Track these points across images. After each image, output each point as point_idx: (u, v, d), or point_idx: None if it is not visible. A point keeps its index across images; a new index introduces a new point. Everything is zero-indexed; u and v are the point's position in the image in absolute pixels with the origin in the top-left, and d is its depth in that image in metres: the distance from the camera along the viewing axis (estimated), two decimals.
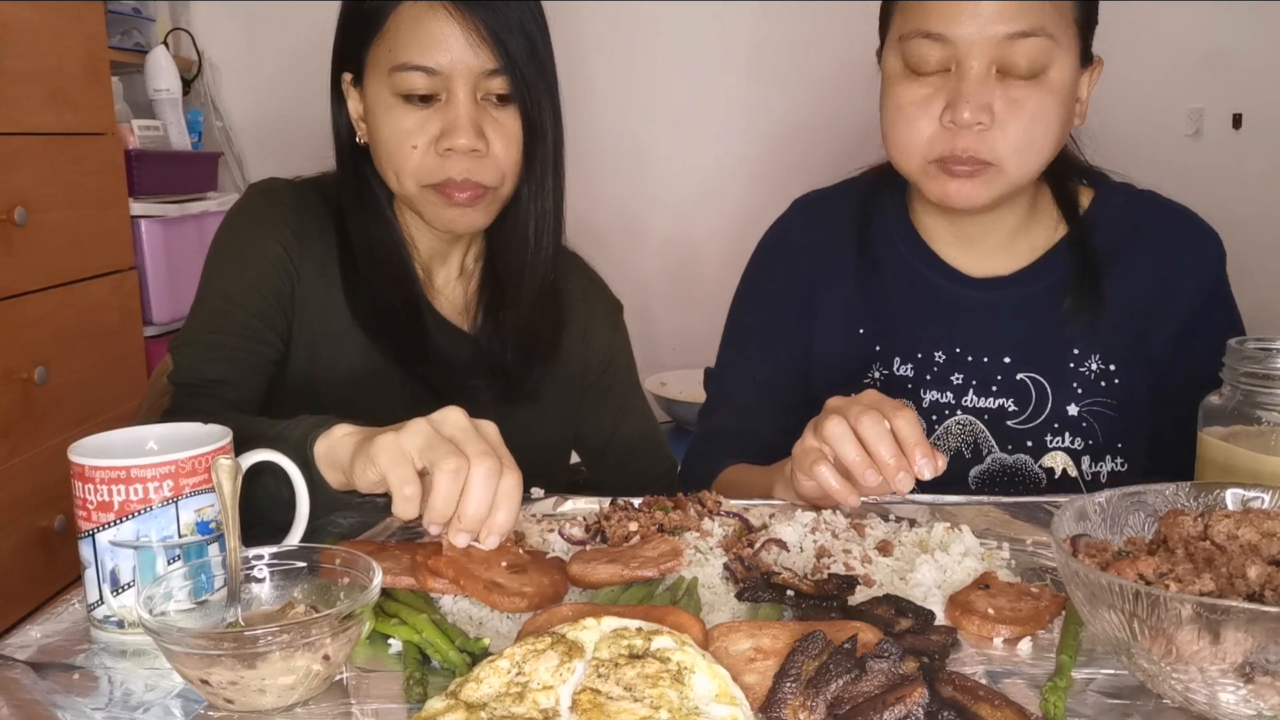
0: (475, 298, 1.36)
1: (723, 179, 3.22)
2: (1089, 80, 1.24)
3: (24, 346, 2.08)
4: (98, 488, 0.85)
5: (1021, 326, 1.29)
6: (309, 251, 1.29)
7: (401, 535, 1.07)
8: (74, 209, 2.27)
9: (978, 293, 1.30)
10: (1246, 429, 0.97)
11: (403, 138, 1.20)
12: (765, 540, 0.98)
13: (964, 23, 1.15)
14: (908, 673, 0.71)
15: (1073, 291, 1.27)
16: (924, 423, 1.27)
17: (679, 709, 0.67)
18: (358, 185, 1.30)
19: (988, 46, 1.15)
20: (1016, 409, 1.28)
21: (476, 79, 1.19)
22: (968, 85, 1.15)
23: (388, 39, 1.20)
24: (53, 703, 0.76)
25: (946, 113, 1.17)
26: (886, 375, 1.32)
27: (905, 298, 1.32)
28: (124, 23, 2.79)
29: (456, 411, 0.92)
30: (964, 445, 1.29)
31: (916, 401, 1.30)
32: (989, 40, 1.14)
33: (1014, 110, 1.16)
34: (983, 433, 1.29)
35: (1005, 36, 1.14)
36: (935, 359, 1.30)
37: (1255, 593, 0.72)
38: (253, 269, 1.26)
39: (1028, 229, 1.31)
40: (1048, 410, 1.27)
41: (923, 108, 1.18)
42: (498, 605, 0.86)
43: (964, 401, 1.29)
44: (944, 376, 1.30)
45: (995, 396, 1.29)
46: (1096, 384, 1.27)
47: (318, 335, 1.29)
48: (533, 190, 1.28)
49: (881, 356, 1.32)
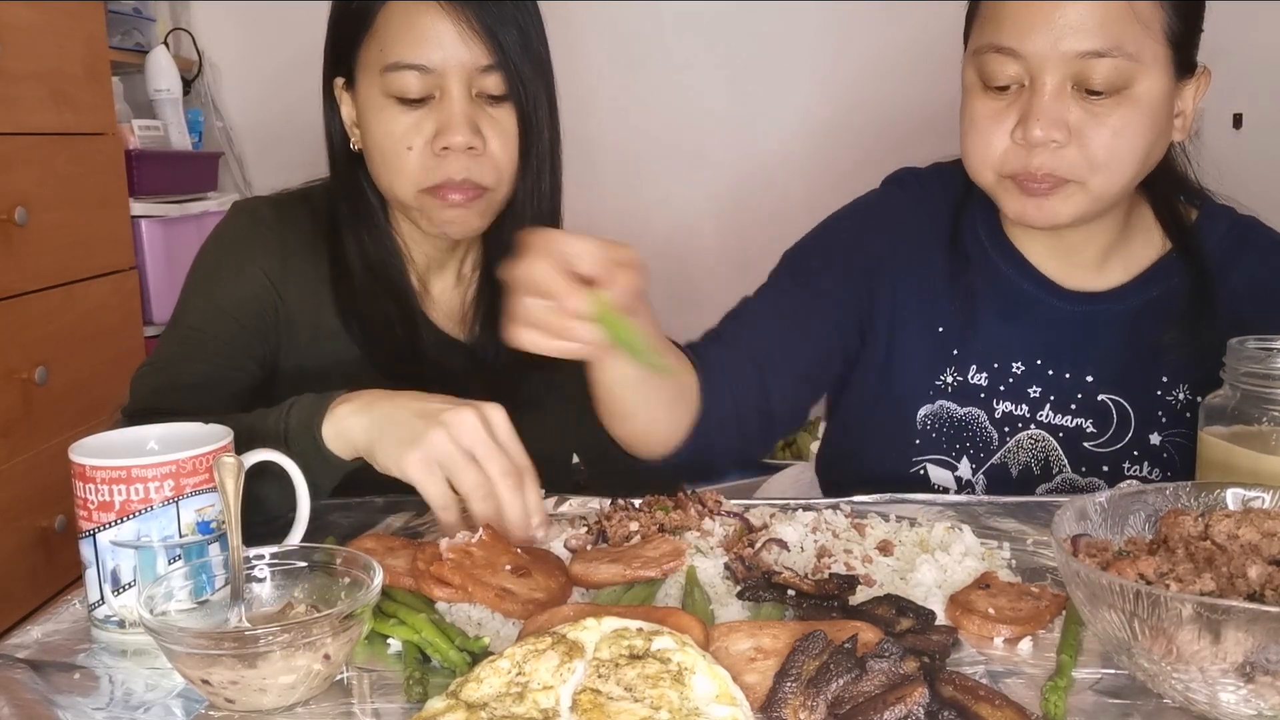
0: (473, 306, 1.34)
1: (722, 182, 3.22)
2: (1195, 91, 1.16)
3: (24, 346, 2.08)
4: (99, 487, 0.85)
5: (1109, 345, 1.22)
6: (294, 271, 1.26)
7: (403, 534, 1.07)
8: (74, 209, 2.27)
9: (1067, 304, 1.24)
10: (1247, 429, 0.97)
11: (397, 139, 1.18)
12: (766, 540, 0.98)
13: (1036, 39, 1.09)
14: (908, 672, 0.71)
15: (1184, 315, 1.20)
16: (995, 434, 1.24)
17: (679, 709, 0.67)
18: (352, 194, 1.27)
19: (1061, 63, 1.09)
20: (1095, 431, 1.22)
21: (470, 75, 1.17)
22: (1040, 102, 1.10)
23: (378, 38, 1.18)
24: (53, 702, 0.76)
25: (1019, 129, 1.12)
26: (960, 382, 1.25)
27: (990, 300, 1.25)
28: (124, 23, 2.79)
29: (471, 417, 0.96)
30: (1034, 461, 1.24)
31: (989, 411, 1.25)
32: (1062, 57, 1.09)
33: (1093, 126, 1.10)
34: (1055, 450, 1.23)
35: (1079, 54, 1.08)
36: (1013, 369, 1.24)
37: (1256, 592, 0.72)
38: (227, 295, 1.24)
39: (1125, 245, 1.24)
40: (1129, 436, 1.22)
41: (996, 122, 1.13)
42: (510, 613, 0.86)
43: (1039, 416, 1.23)
44: (1020, 388, 1.24)
45: (1074, 415, 1.23)
46: (1182, 414, 1.21)
47: (307, 354, 1.27)
48: (529, 189, 1.25)
49: (958, 361, 1.26)
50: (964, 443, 1.25)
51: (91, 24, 2.37)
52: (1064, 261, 1.24)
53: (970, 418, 1.25)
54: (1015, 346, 1.25)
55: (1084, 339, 1.23)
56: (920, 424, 1.26)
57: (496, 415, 0.98)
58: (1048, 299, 1.24)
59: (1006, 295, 1.25)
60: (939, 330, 1.27)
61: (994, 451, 1.24)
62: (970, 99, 1.17)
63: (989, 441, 1.25)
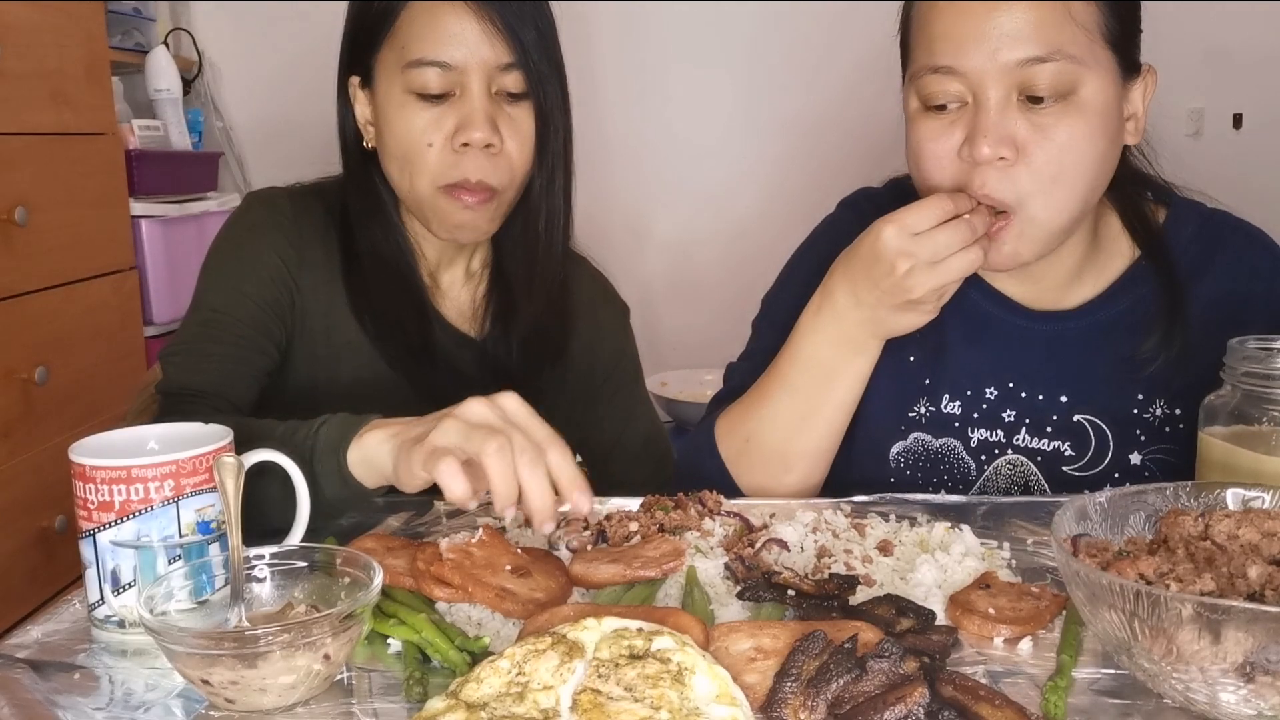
0: (483, 303, 1.35)
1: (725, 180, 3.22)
2: (1143, 91, 1.12)
3: (24, 346, 2.08)
4: (99, 487, 0.85)
5: (1080, 363, 1.19)
6: (309, 261, 1.28)
7: (403, 534, 1.07)
8: (74, 209, 2.27)
9: (1034, 324, 1.20)
10: (1247, 429, 0.97)
11: (417, 135, 1.20)
12: (766, 540, 0.98)
13: (972, 53, 1.05)
14: (908, 672, 0.71)
15: (1156, 324, 1.16)
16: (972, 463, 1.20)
17: (679, 709, 0.67)
18: (365, 190, 1.29)
19: (1002, 75, 1.04)
20: (1074, 454, 1.18)
21: (491, 73, 1.19)
22: (985, 118, 1.05)
23: (400, 36, 1.20)
24: (53, 702, 0.76)
25: (965, 147, 1.07)
26: (934, 412, 1.22)
27: (956, 325, 1.21)
28: (124, 23, 2.79)
29: (478, 403, 0.91)
30: (1014, 487, 1.20)
31: (964, 440, 1.21)
32: (1002, 69, 1.04)
33: (1040, 140, 1.05)
34: (1034, 475, 1.19)
35: (1020, 63, 1.04)
36: (986, 394, 1.20)
37: (1256, 592, 0.72)
38: (248, 279, 1.25)
39: (1094, 259, 1.20)
40: (1108, 459, 1.18)
41: (940, 142, 1.08)
42: (510, 613, 0.86)
43: (1015, 441, 1.20)
44: (994, 413, 1.20)
45: (1050, 438, 1.19)
46: (1161, 430, 1.17)
47: (319, 345, 1.28)
48: (544, 186, 1.27)
49: (930, 391, 1.22)
50: (942, 475, 1.22)
51: (91, 24, 2.37)
52: (1030, 286, 1.21)
53: (946, 449, 1.22)
54: (986, 371, 1.21)
55: (1055, 359, 1.19)
56: (894, 462, 1.23)
57: (509, 400, 0.92)
58: (1013, 319, 1.21)
59: (972, 319, 1.21)
60: (909, 360, 1.23)
61: (973, 481, 1.21)
62: (912, 124, 1.12)
63: (967, 472, 1.21)
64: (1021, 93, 1.05)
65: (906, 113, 1.14)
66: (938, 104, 1.09)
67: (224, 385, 1.20)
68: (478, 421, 0.89)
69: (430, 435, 0.89)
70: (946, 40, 1.07)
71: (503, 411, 0.90)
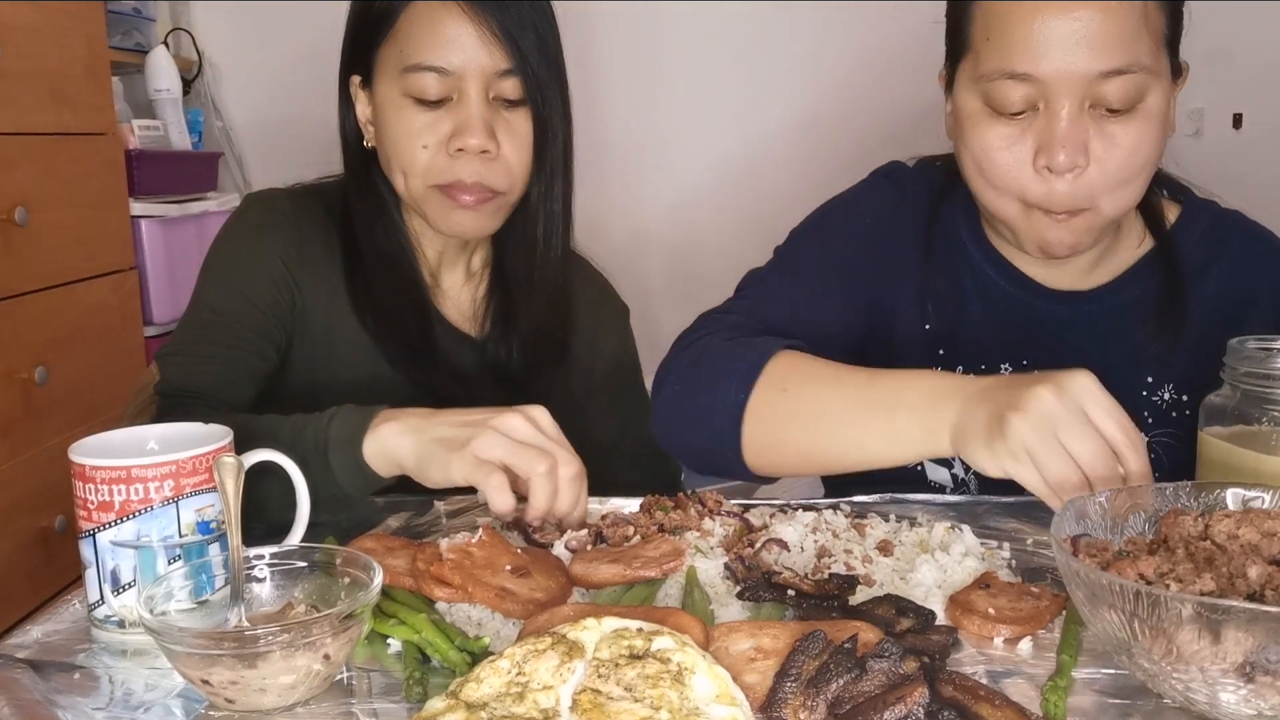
0: (484, 303, 1.36)
1: (725, 180, 3.22)
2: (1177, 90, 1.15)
3: (24, 346, 2.08)
4: (98, 487, 0.85)
5: (1092, 345, 1.21)
6: (310, 261, 1.28)
7: (403, 534, 1.07)
8: (74, 209, 2.27)
9: (1050, 304, 1.22)
10: (1247, 429, 0.97)
11: (413, 137, 1.20)
12: (766, 540, 0.98)
13: (1053, 61, 1.04)
14: (908, 672, 0.71)
15: (1155, 315, 1.19)
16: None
17: (679, 709, 0.67)
18: (366, 190, 1.29)
19: (1080, 85, 1.05)
20: None
21: (489, 79, 1.19)
22: (1060, 127, 1.05)
23: (399, 39, 1.20)
24: (53, 702, 0.76)
25: (1040, 156, 1.07)
26: None
27: (973, 300, 1.24)
28: (124, 23, 2.79)
29: (517, 418, 0.98)
30: None
31: None
32: (1081, 79, 1.04)
33: (1110, 148, 1.07)
34: None
35: (1100, 75, 1.04)
36: (1001, 371, 1.21)
37: (1256, 592, 0.72)
38: (247, 281, 1.25)
39: (1113, 247, 1.23)
40: None
41: (1011, 151, 1.09)
42: (510, 613, 0.86)
43: None
44: None
45: None
46: (1168, 414, 1.20)
47: (320, 345, 1.28)
48: (542, 192, 1.28)
49: (944, 362, 1.24)
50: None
51: (91, 24, 2.37)
52: (1053, 269, 1.22)
53: None
54: (1001, 348, 1.23)
55: (1067, 339, 1.21)
56: None
57: (542, 416, 1.00)
58: (1030, 299, 1.23)
59: (989, 296, 1.24)
60: (925, 328, 1.25)
61: None
62: (976, 128, 1.11)
63: None
64: (1095, 103, 1.06)
65: (962, 110, 1.13)
66: (1012, 111, 1.08)
67: (223, 387, 1.20)
68: (522, 438, 0.97)
69: (472, 445, 0.95)
70: (1027, 46, 1.05)
71: (539, 428, 0.98)
